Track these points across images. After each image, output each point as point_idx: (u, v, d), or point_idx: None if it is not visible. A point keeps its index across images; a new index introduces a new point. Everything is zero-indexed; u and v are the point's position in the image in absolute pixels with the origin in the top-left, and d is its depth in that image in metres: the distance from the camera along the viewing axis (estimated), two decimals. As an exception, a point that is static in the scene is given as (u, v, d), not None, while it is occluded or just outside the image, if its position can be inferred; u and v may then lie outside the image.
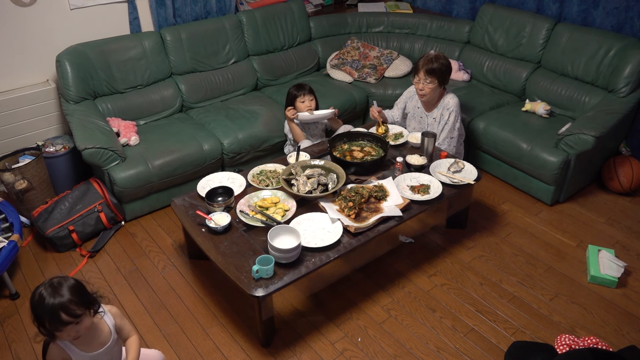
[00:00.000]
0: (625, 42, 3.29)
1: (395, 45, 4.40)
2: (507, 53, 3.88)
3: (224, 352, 2.32)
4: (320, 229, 2.38)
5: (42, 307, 1.56)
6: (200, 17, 3.85)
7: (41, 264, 2.84)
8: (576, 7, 3.62)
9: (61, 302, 1.57)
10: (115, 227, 3.08)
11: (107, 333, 1.78)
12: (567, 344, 2.04)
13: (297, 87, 3.29)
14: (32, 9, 3.16)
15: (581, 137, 2.98)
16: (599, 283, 2.67)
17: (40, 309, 1.57)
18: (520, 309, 2.53)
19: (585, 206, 3.27)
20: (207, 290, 2.65)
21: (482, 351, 2.31)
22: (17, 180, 2.96)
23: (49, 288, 1.59)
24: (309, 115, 3.18)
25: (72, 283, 1.64)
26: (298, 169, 2.63)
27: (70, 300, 1.58)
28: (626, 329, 2.43)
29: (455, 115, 3.07)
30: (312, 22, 4.27)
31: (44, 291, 1.58)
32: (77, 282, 1.66)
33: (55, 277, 1.64)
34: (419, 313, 2.51)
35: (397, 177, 2.72)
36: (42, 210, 2.91)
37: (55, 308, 1.56)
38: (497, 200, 3.32)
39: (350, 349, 2.34)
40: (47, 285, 1.60)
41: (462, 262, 2.82)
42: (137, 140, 3.20)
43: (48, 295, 1.57)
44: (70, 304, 1.58)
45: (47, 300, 1.57)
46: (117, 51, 3.38)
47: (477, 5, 4.23)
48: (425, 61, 2.99)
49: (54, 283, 1.61)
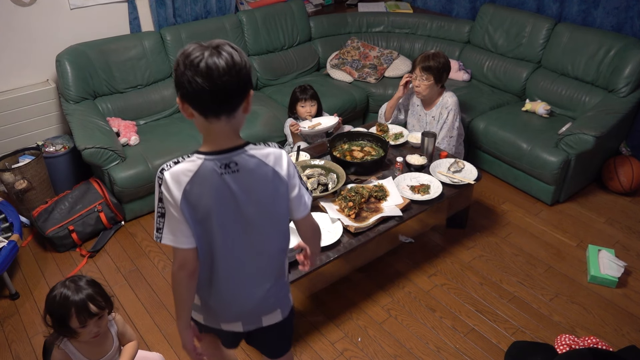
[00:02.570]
0: (626, 42, 3.29)
1: (396, 45, 4.40)
2: (507, 53, 3.88)
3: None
4: (320, 229, 2.38)
5: (68, 304, 1.57)
6: (200, 17, 3.85)
7: (41, 264, 2.84)
8: (576, 7, 3.62)
9: (88, 294, 1.59)
10: (115, 227, 3.08)
11: (111, 340, 1.78)
12: (567, 344, 2.04)
13: (301, 90, 3.29)
14: (32, 9, 3.16)
15: (581, 137, 2.98)
16: (599, 283, 2.67)
17: (65, 307, 1.57)
18: (520, 309, 2.53)
19: (585, 206, 3.27)
20: (207, 290, 2.65)
21: (482, 351, 2.31)
22: (17, 180, 2.96)
23: (70, 285, 1.60)
24: (311, 129, 3.15)
25: (89, 278, 1.67)
26: (298, 169, 2.63)
27: (95, 291, 1.62)
28: (626, 329, 2.43)
29: (454, 114, 3.07)
30: (312, 22, 4.27)
31: (65, 290, 1.59)
32: (92, 278, 1.69)
33: (67, 278, 1.65)
34: (419, 313, 2.51)
35: (397, 177, 2.72)
36: (42, 210, 2.91)
37: (83, 301, 1.57)
38: (497, 200, 3.32)
39: (350, 349, 2.33)
40: (65, 285, 1.61)
41: (462, 262, 2.82)
42: (137, 140, 3.20)
43: (72, 293, 1.58)
44: (96, 295, 1.61)
45: (72, 296, 1.57)
46: (117, 51, 3.38)
47: (477, 5, 4.23)
48: (422, 58, 2.99)
49: (74, 280, 1.63)
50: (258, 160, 1.29)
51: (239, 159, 1.27)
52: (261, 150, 1.31)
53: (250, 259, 1.40)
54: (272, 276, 1.47)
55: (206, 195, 1.26)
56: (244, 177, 1.28)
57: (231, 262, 1.38)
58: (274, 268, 1.47)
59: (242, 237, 1.36)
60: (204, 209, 1.27)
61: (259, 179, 1.31)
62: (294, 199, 1.40)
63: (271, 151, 1.33)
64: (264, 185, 1.32)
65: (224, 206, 1.29)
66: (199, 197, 1.26)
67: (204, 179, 1.24)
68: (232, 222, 1.32)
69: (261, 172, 1.30)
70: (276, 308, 1.54)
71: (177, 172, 1.24)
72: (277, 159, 1.33)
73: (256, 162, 1.29)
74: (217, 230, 1.31)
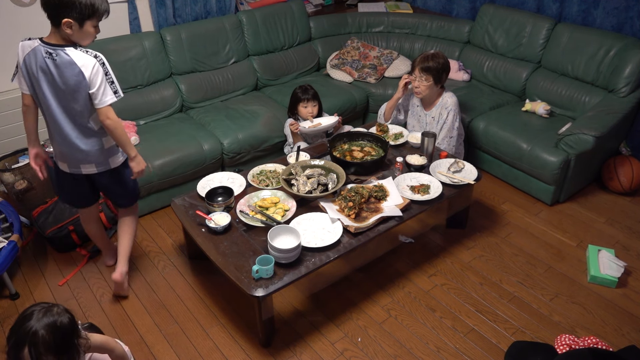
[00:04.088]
0: (625, 42, 3.29)
1: (395, 45, 4.40)
2: (507, 53, 3.88)
3: (224, 352, 2.32)
4: (320, 229, 2.38)
5: (19, 328, 1.48)
6: (200, 17, 3.85)
7: (41, 264, 2.84)
8: (576, 7, 3.62)
9: (33, 338, 1.46)
10: (115, 227, 3.08)
11: None
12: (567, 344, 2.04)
13: (302, 90, 3.28)
14: (32, 9, 3.16)
15: (581, 137, 2.98)
16: (599, 283, 2.67)
17: (16, 327, 1.49)
18: (520, 309, 2.53)
19: (585, 206, 3.27)
20: (207, 290, 2.65)
21: (482, 351, 2.31)
22: (17, 180, 2.96)
23: (40, 313, 1.51)
24: (311, 128, 3.16)
25: (61, 322, 1.52)
26: (298, 169, 2.63)
27: (43, 339, 1.47)
28: (626, 328, 2.43)
29: (454, 114, 3.07)
30: (312, 22, 4.27)
31: (36, 312, 1.51)
32: (67, 323, 1.54)
33: (54, 306, 1.56)
34: (419, 313, 2.51)
35: (397, 177, 2.72)
36: (42, 210, 2.91)
37: (23, 337, 1.46)
38: (497, 200, 3.32)
39: (350, 349, 2.34)
40: (41, 310, 1.52)
41: (462, 262, 2.82)
42: (137, 140, 3.20)
43: (35, 320, 1.49)
44: (42, 343, 1.46)
45: (28, 324, 1.47)
46: (117, 51, 3.37)
47: (477, 5, 4.23)
48: (421, 59, 2.99)
49: (48, 311, 1.52)
50: (71, 59, 2.02)
51: (58, 52, 2.02)
52: (77, 54, 2.03)
53: (62, 120, 2.14)
54: (79, 137, 2.20)
55: (34, 65, 2.05)
56: (59, 64, 2.02)
57: (53, 119, 2.16)
58: (79, 131, 2.19)
59: (55, 103, 2.10)
60: (32, 74, 2.08)
61: (68, 69, 2.02)
62: (93, 94, 2.09)
63: (85, 58, 2.03)
64: (70, 75, 2.03)
65: (43, 77, 2.06)
66: (29, 64, 2.06)
67: (34, 54, 2.04)
68: (47, 91, 2.08)
69: (71, 66, 2.02)
70: (91, 162, 2.27)
71: (24, 44, 2.07)
72: (86, 64, 2.03)
73: (69, 60, 2.01)
74: (40, 93, 2.11)
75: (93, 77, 2.05)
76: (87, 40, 2.10)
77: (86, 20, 2.02)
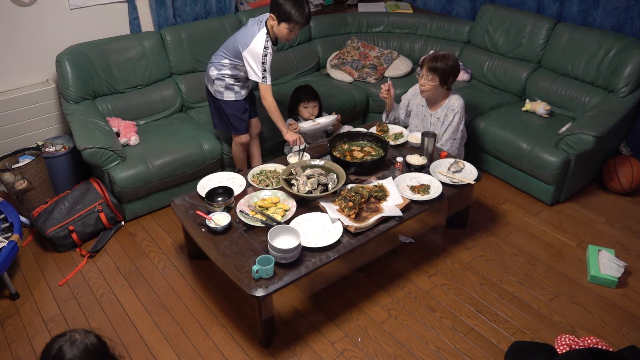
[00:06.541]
0: (625, 42, 3.29)
1: (395, 45, 4.40)
2: (507, 53, 3.88)
3: (224, 352, 2.32)
4: (320, 229, 2.38)
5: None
6: (200, 17, 3.85)
7: (41, 264, 2.84)
8: (576, 7, 3.62)
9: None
10: (115, 227, 3.08)
11: None
12: (567, 344, 2.04)
13: (303, 91, 3.28)
14: (32, 9, 3.16)
15: (581, 137, 2.98)
16: (599, 283, 2.67)
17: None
18: (520, 309, 2.53)
19: (585, 206, 3.27)
20: (207, 290, 2.65)
21: (482, 351, 2.31)
22: (17, 180, 2.96)
23: (67, 345, 1.43)
24: (310, 126, 3.16)
25: (91, 343, 1.45)
26: (298, 169, 2.63)
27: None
28: (626, 329, 2.43)
29: (460, 117, 3.06)
30: (312, 22, 4.27)
31: (65, 347, 1.42)
32: (96, 342, 1.48)
33: (73, 332, 1.48)
34: (419, 313, 2.51)
35: (397, 177, 2.72)
36: (42, 210, 2.91)
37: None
38: (497, 200, 3.32)
39: (350, 349, 2.34)
40: (65, 343, 1.44)
41: (462, 262, 2.82)
42: (137, 140, 3.21)
43: (69, 354, 1.41)
44: None
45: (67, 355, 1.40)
46: (117, 51, 3.38)
47: (477, 5, 4.23)
48: (430, 58, 2.99)
49: (72, 340, 1.44)
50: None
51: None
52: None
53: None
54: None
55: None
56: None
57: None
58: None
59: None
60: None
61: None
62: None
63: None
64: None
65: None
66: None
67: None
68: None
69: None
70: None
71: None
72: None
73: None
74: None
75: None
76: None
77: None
